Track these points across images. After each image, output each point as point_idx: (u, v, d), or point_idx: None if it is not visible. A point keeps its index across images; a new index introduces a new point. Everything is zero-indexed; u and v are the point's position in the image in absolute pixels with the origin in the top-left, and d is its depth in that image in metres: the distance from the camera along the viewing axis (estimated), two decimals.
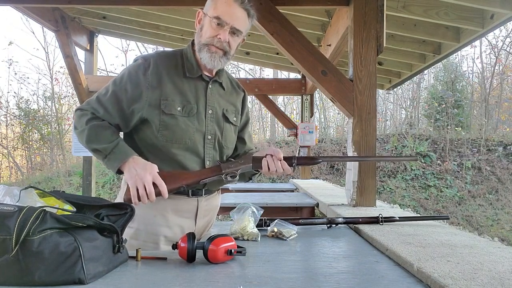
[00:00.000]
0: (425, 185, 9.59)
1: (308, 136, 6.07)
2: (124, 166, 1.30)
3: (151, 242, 1.41)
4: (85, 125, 1.34)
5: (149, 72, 1.37)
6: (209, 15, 1.36)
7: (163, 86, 1.37)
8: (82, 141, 1.36)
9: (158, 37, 5.73)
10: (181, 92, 1.40)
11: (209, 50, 1.37)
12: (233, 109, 1.53)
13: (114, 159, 1.30)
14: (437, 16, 3.20)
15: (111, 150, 1.30)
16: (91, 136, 1.32)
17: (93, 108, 1.37)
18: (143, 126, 1.39)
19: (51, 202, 1.01)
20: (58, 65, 15.11)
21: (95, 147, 1.32)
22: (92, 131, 1.32)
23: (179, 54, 1.46)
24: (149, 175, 1.27)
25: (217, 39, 1.36)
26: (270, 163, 1.39)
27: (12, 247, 0.84)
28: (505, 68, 13.18)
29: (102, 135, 1.32)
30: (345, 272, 1.07)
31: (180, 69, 1.43)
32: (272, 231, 1.52)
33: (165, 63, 1.41)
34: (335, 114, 14.77)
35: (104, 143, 1.31)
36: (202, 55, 1.39)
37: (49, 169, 11.44)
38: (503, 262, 1.09)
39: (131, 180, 1.27)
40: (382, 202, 2.78)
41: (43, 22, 4.78)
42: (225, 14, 1.34)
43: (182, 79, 1.42)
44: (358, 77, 2.45)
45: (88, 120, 1.34)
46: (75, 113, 1.40)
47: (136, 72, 1.38)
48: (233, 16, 1.36)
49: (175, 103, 1.38)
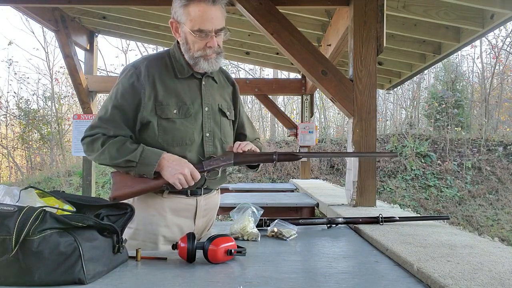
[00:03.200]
0: (425, 185, 9.59)
1: (308, 136, 6.06)
2: (160, 167, 1.32)
3: (150, 242, 1.41)
4: (101, 147, 1.34)
5: (142, 78, 1.37)
6: (189, 28, 1.34)
7: (156, 90, 1.37)
8: (105, 162, 1.35)
9: (158, 37, 5.73)
10: (175, 94, 1.40)
11: (205, 59, 1.38)
12: (226, 104, 1.54)
13: (147, 163, 1.31)
14: (437, 16, 3.20)
15: (140, 156, 1.31)
16: (113, 153, 1.32)
17: (102, 129, 1.37)
18: (144, 130, 1.40)
19: (51, 202, 1.01)
20: (58, 65, 15.09)
21: (123, 159, 1.32)
22: (112, 149, 1.33)
23: (166, 56, 1.45)
24: (186, 168, 1.32)
25: (208, 48, 1.36)
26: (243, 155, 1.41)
27: (12, 247, 0.84)
28: (505, 68, 13.18)
29: (123, 148, 1.33)
30: (345, 272, 1.07)
31: (171, 70, 1.42)
32: (272, 231, 1.52)
33: (156, 66, 1.40)
34: (335, 114, 14.77)
35: (129, 153, 1.32)
36: (200, 65, 1.39)
37: (49, 169, 11.43)
38: (503, 262, 1.09)
39: (173, 178, 1.31)
40: (382, 202, 2.78)
41: (43, 22, 4.77)
42: (205, 23, 1.32)
43: (174, 81, 1.41)
44: (358, 77, 2.45)
45: (102, 142, 1.34)
46: (83, 141, 1.39)
47: (130, 82, 1.37)
48: (213, 21, 1.34)
49: (170, 106, 1.38)
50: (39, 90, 13.52)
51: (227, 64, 12.58)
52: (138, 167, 1.31)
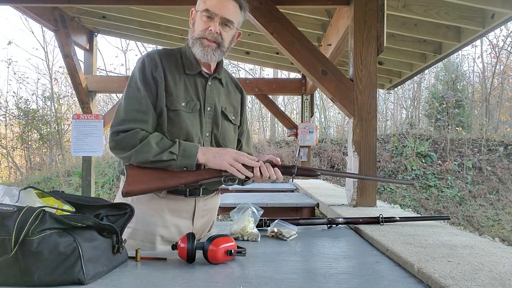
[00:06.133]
0: (426, 185, 9.59)
1: (308, 136, 6.06)
2: (202, 157, 1.33)
3: (148, 242, 1.41)
4: (140, 142, 1.31)
5: (158, 68, 1.38)
6: (199, 9, 1.39)
7: (168, 81, 1.39)
8: (144, 158, 1.30)
9: (159, 37, 5.73)
10: (184, 88, 1.41)
11: (202, 44, 1.38)
12: (231, 108, 1.54)
13: (188, 155, 1.32)
14: (437, 16, 3.19)
15: (178, 149, 1.32)
16: (154, 148, 1.30)
17: (139, 123, 1.33)
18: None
19: (50, 202, 1.01)
20: (57, 65, 15.08)
21: (165, 152, 1.30)
22: (152, 143, 1.31)
23: (178, 52, 1.48)
24: (231, 151, 1.36)
25: (208, 31, 1.37)
26: (263, 169, 1.39)
27: (12, 247, 0.84)
28: (506, 67, 13.17)
29: (163, 142, 1.32)
30: (345, 272, 1.07)
31: (180, 66, 1.44)
32: (272, 231, 1.52)
33: (167, 60, 1.42)
34: (335, 114, 14.77)
35: (168, 147, 1.31)
36: (195, 49, 1.40)
37: (48, 169, 11.43)
38: (504, 263, 1.08)
39: (223, 163, 1.32)
40: (383, 202, 2.77)
41: (42, 22, 4.77)
42: (214, 6, 1.36)
43: (183, 76, 1.43)
44: (358, 77, 2.45)
45: (142, 137, 1.32)
46: (116, 137, 1.33)
47: (150, 71, 1.38)
48: (222, 7, 1.37)
49: (179, 98, 1.39)
50: (38, 90, 13.53)
51: (227, 64, 12.57)
52: (179, 159, 1.31)
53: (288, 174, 1.44)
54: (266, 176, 1.39)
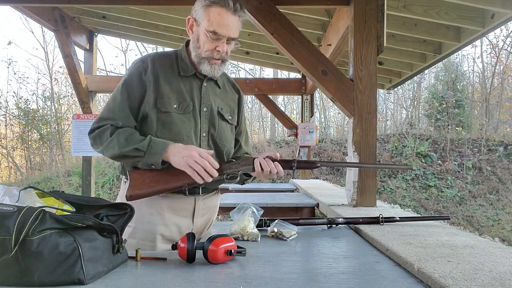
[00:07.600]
0: (426, 185, 9.59)
1: (308, 136, 6.06)
2: (167, 155, 1.31)
3: (148, 241, 1.41)
4: (110, 136, 1.34)
5: (148, 71, 1.40)
6: (204, 27, 1.37)
7: (160, 84, 1.40)
8: (113, 152, 1.33)
9: (158, 37, 5.73)
10: (177, 90, 1.42)
11: (210, 63, 1.41)
12: (228, 109, 1.54)
13: (154, 152, 1.31)
14: (437, 16, 3.19)
15: (148, 145, 1.31)
16: (122, 142, 1.32)
17: (110, 120, 1.38)
18: (143, 123, 1.41)
19: (51, 202, 1.01)
20: (57, 65, 15.09)
21: (130, 148, 1.31)
22: (121, 138, 1.33)
23: (173, 55, 1.49)
24: (194, 151, 1.29)
25: (216, 51, 1.39)
26: (263, 163, 1.39)
27: (12, 247, 0.84)
28: (505, 67, 13.17)
29: (132, 138, 1.34)
30: (346, 272, 1.07)
31: (175, 68, 1.45)
32: (272, 231, 1.52)
33: (161, 62, 1.44)
34: (335, 114, 14.78)
35: (137, 142, 1.32)
36: (203, 67, 1.42)
37: (48, 169, 11.43)
38: (504, 263, 1.08)
39: (182, 163, 1.28)
40: (383, 202, 2.77)
41: (42, 22, 4.78)
42: (221, 27, 1.36)
43: (177, 78, 1.44)
44: (358, 77, 2.45)
45: (111, 132, 1.35)
46: (91, 134, 1.39)
47: (138, 74, 1.41)
48: (229, 28, 1.37)
49: (171, 100, 1.40)
50: (38, 90, 13.55)
51: (227, 64, 12.57)
52: (146, 156, 1.31)
53: (289, 168, 1.44)
54: (266, 170, 1.39)
